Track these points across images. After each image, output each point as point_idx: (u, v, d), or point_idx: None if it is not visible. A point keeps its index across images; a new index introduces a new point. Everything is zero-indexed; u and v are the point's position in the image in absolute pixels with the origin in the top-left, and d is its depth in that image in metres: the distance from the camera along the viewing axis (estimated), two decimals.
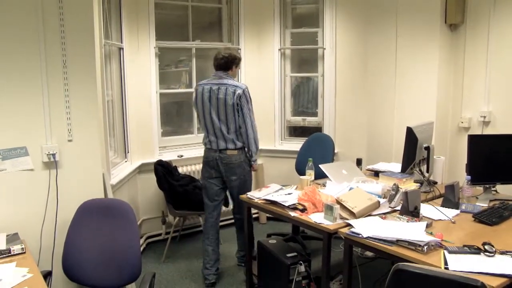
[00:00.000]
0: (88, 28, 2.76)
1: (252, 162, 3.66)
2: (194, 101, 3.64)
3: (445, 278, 1.64)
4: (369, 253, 3.76)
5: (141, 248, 4.23)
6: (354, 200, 2.77)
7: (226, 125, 3.49)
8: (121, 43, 4.04)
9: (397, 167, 3.58)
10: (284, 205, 2.98)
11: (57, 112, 2.68)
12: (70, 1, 2.64)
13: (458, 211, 2.80)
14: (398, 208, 2.79)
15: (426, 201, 3.01)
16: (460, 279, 1.61)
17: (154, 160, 4.21)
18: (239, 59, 3.63)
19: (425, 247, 2.19)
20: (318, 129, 4.98)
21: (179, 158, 4.56)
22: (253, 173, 3.80)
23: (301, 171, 4.16)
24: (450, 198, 2.88)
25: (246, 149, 3.59)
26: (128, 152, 4.22)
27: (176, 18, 4.83)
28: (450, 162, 4.11)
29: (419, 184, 3.29)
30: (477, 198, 3.07)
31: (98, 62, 3.14)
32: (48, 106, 2.65)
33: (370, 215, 2.76)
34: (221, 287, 3.59)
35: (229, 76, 3.54)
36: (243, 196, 3.34)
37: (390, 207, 2.89)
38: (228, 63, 3.53)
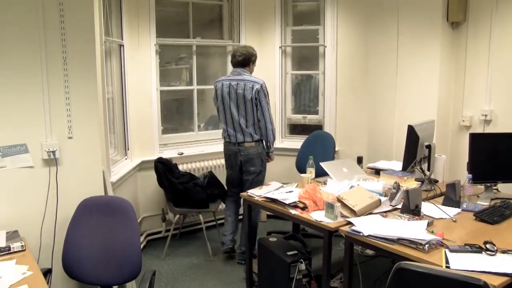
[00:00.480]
0: (89, 25, 2.75)
1: (270, 153, 3.91)
2: (214, 97, 3.89)
3: (447, 277, 1.63)
4: (369, 251, 3.76)
5: (141, 246, 4.23)
6: (355, 198, 2.77)
7: (245, 118, 3.71)
8: (122, 40, 4.03)
9: (398, 165, 3.57)
10: (284, 203, 2.97)
11: (57, 109, 2.67)
12: None
13: (459, 210, 2.80)
14: (399, 206, 2.79)
15: (427, 199, 3.00)
16: (463, 278, 1.60)
17: (155, 157, 4.20)
18: (256, 56, 3.86)
19: (426, 245, 2.19)
20: (319, 127, 4.97)
21: (179, 155, 4.55)
22: None
23: (301, 169, 4.15)
24: (451, 196, 2.88)
25: (264, 141, 3.82)
26: (128, 149, 4.21)
27: (176, 15, 4.82)
28: (451, 161, 4.10)
29: (420, 182, 3.29)
30: (478, 196, 3.06)
31: (98, 59, 3.12)
32: (48, 103, 2.64)
33: (371, 213, 2.76)
34: (221, 285, 3.59)
35: (247, 72, 3.77)
36: (243, 194, 3.35)
37: (391, 205, 2.88)
38: (245, 60, 3.77)
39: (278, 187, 3.34)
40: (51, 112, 2.65)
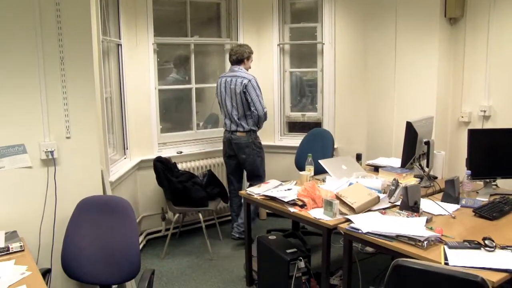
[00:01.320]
0: (86, 24, 2.74)
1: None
2: (216, 92, 4.30)
3: (444, 273, 1.63)
4: (369, 249, 3.76)
5: (141, 245, 4.23)
6: (353, 195, 2.76)
7: (237, 110, 4.10)
8: (119, 39, 4.02)
9: (397, 162, 3.57)
10: (283, 201, 2.97)
11: (55, 109, 2.67)
12: None
13: (458, 206, 2.80)
14: (398, 203, 2.79)
15: (426, 196, 3.01)
16: (460, 274, 1.60)
17: (153, 156, 4.20)
18: (248, 53, 4.19)
19: (425, 242, 2.19)
20: (318, 124, 4.96)
21: (178, 154, 4.55)
22: None
23: (300, 166, 4.15)
24: (450, 193, 2.88)
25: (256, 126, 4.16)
26: (127, 148, 4.21)
27: (174, 14, 4.81)
28: (450, 157, 4.10)
29: (419, 179, 3.28)
30: (477, 192, 3.06)
31: (96, 58, 3.12)
32: (46, 103, 2.63)
33: (369, 210, 2.76)
34: (221, 284, 3.59)
35: (241, 69, 4.14)
36: (242, 192, 3.36)
37: (390, 202, 2.88)
38: (239, 58, 4.15)
39: (277, 185, 3.34)
40: (49, 112, 2.65)
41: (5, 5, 2.47)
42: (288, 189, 3.19)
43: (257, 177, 4.18)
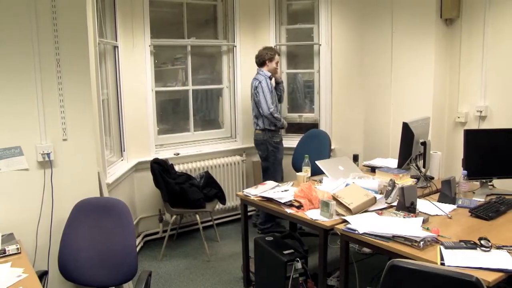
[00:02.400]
0: (82, 27, 2.75)
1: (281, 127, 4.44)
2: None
3: (439, 273, 1.64)
4: (366, 249, 3.76)
5: (139, 247, 4.23)
6: (350, 196, 2.77)
7: (253, 110, 4.43)
8: (116, 41, 4.02)
9: (393, 162, 3.58)
10: (280, 202, 2.97)
11: (52, 111, 2.67)
12: (63, 0, 2.63)
13: (454, 206, 2.80)
14: (395, 203, 2.79)
15: (423, 196, 3.01)
16: (455, 274, 1.60)
17: (151, 158, 4.20)
18: (270, 55, 4.35)
19: (421, 242, 2.19)
20: (315, 125, 4.96)
21: (175, 156, 4.55)
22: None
23: (297, 167, 4.15)
24: (447, 193, 2.88)
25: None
26: (124, 150, 4.21)
27: (171, 16, 4.81)
28: (446, 157, 4.11)
29: (415, 179, 3.29)
30: (473, 193, 3.07)
31: (92, 60, 3.12)
32: (42, 105, 2.63)
33: (366, 211, 2.76)
34: (219, 285, 3.59)
35: (261, 71, 4.37)
36: (239, 193, 3.36)
37: (386, 202, 2.88)
38: (261, 61, 4.40)
39: (274, 186, 3.34)
40: (45, 114, 2.65)
41: (0, 8, 2.47)
42: (285, 190, 3.19)
43: (269, 175, 4.30)
